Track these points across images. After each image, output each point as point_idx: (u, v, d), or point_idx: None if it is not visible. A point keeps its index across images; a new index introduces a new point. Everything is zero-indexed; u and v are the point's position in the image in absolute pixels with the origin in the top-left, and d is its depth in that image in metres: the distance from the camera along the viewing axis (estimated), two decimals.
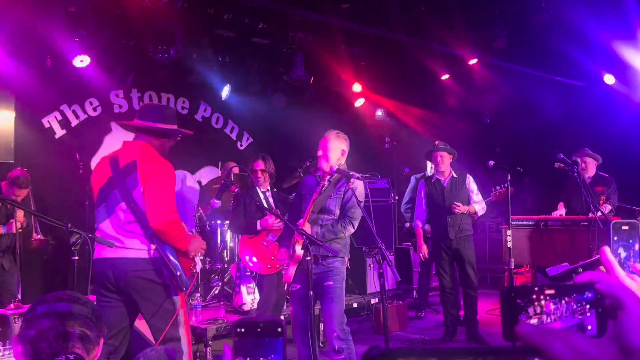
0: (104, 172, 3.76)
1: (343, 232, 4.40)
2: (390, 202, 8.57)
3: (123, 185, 3.63)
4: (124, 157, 3.72)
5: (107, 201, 3.69)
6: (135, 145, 3.77)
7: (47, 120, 6.88)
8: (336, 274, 4.40)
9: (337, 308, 4.37)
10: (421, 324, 7.38)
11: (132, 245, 3.57)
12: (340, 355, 4.34)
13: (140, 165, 3.62)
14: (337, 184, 4.47)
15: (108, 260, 3.58)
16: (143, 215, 3.56)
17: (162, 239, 3.55)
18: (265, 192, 5.56)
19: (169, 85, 7.86)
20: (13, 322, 4.08)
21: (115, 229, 3.62)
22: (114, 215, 3.64)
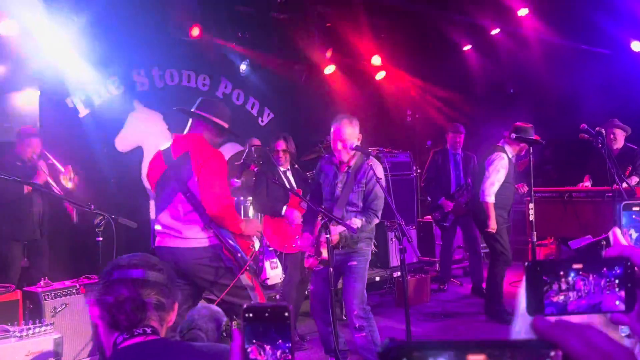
0: (158, 166, 3.93)
1: (369, 226, 4.41)
2: (412, 176, 8.57)
3: (178, 176, 3.78)
4: (176, 149, 3.88)
5: (164, 193, 3.86)
6: (186, 138, 3.94)
7: (71, 99, 6.96)
8: (360, 255, 4.44)
9: (358, 287, 4.41)
10: (444, 297, 7.41)
11: (191, 235, 3.74)
12: (362, 332, 4.40)
13: (193, 155, 3.78)
14: (357, 175, 4.42)
15: (168, 249, 3.78)
16: (199, 204, 3.72)
17: (219, 224, 3.73)
18: (285, 171, 5.59)
19: (190, 62, 7.87)
20: (43, 299, 4.19)
21: (173, 220, 3.79)
22: (171, 206, 3.80)
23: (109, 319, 1.61)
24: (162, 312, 1.66)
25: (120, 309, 1.60)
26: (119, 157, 7.19)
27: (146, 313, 1.62)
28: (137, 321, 1.60)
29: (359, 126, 4.52)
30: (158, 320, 1.66)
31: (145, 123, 7.56)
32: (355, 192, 4.43)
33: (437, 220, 7.61)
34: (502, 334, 5.65)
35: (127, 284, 1.62)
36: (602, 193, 6.54)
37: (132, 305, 1.60)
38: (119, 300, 1.60)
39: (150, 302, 1.63)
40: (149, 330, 1.61)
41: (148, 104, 7.58)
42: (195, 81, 8.06)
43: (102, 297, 1.63)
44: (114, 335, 1.61)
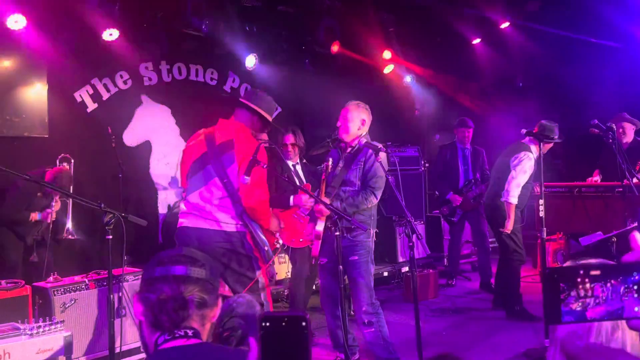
0: (199, 146, 3.94)
1: (365, 204, 4.33)
2: (420, 170, 8.55)
3: (218, 161, 3.81)
4: (220, 134, 3.90)
5: (199, 175, 3.88)
6: (232, 125, 3.95)
7: (79, 94, 6.95)
8: (361, 248, 4.39)
9: (363, 282, 4.38)
10: (452, 292, 7.40)
11: (220, 219, 3.78)
12: (371, 328, 4.39)
13: (237, 144, 3.80)
14: (357, 155, 4.41)
15: (193, 229, 3.82)
16: (235, 192, 3.75)
17: (251, 217, 3.76)
18: (295, 165, 5.58)
19: (198, 56, 7.86)
20: (52, 294, 4.20)
21: (204, 202, 3.82)
22: (205, 188, 3.83)
23: (151, 318, 1.61)
24: (205, 309, 1.64)
25: (163, 308, 1.59)
26: (127, 151, 7.18)
27: (188, 311, 1.60)
28: (179, 321, 1.59)
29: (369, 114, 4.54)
30: (200, 320, 1.64)
31: (153, 117, 7.56)
32: (353, 170, 4.40)
33: (445, 215, 7.58)
34: (513, 331, 5.64)
35: (169, 281, 1.61)
36: (612, 188, 6.49)
37: (174, 304, 1.59)
38: (161, 299, 1.60)
39: (192, 299, 1.61)
40: (190, 332, 1.60)
41: (156, 98, 7.57)
42: (203, 75, 8.05)
43: (144, 294, 1.63)
44: (155, 335, 1.61)
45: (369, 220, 4.45)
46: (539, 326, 5.44)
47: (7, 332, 2.98)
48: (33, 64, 6.48)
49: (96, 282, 4.47)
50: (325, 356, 5.12)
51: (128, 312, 4.59)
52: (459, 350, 5.18)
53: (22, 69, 6.43)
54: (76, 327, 4.29)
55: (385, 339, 4.41)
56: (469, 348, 5.23)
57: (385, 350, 4.42)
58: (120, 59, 7.08)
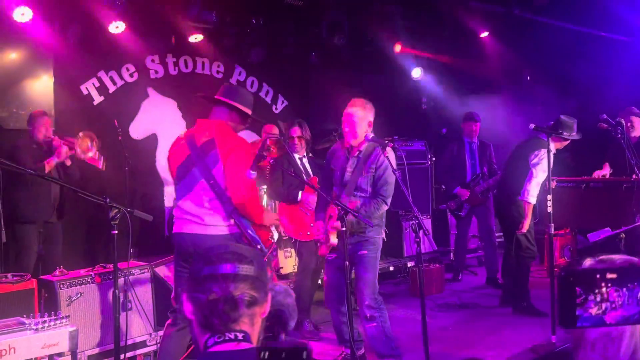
0: (181, 150, 3.89)
1: (377, 213, 4.33)
2: (427, 165, 8.51)
3: (202, 163, 3.75)
4: (200, 135, 3.84)
5: (186, 179, 3.83)
6: (211, 124, 3.90)
7: (85, 87, 6.95)
8: (371, 244, 4.38)
9: (369, 277, 4.36)
10: (458, 287, 7.37)
11: (212, 222, 3.73)
12: (372, 322, 4.37)
13: (219, 142, 3.75)
14: (368, 160, 4.35)
15: (187, 235, 3.78)
16: (223, 192, 3.70)
17: (242, 214, 3.71)
18: (301, 158, 5.56)
19: (204, 49, 7.83)
20: (58, 288, 4.20)
21: (193, 206, 3.77)
22: (193, 192, 3.78)
23: (202, 319, 1.60)
24: (254, 307, 1.63)
25: (214, 310, 1.57)
26: (133, 144, 7.17)
27: (238, 312, 1.59)
28: (230, 322, 1.58)
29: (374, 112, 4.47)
30: (249, 319, 1.62)
31: (160, 110, 7.55)
32: (364, 177, 4.35)
33: (452, 209, 7.55)
34: (519, 327, 5.61)
35: (217, 281, 1.59)
36: (620, 183, 6.45)
37: (225, 305, 1.57)
38: (211, 300, 1.58)
39: (242, 298, 1.59)
40: (240, 336, 1.58)
41: (162, 91, 7.56)
42: (209, 68, 8.02)
43: (194, 294, 1.61)
44: (205, 335, 1.60)
45: (381, 222, 4.46)
46: (546, 322, 5.40)
47: (12, 327, 2.97)
48: (39, 56, 6.48)
49: (102, 276, 4.46)
50: (331, 351, 5.11)
51: (134, 306, 4.59)
52: (465, 345, 5.16)
53: (28, 62, 6.43)
54: (82, 321, 4.29)
55: (387, 334, 4.39)
56: (475, 344, 5.22)
57: (387, 346, 4.40)
58: (127, 52, 7.07)
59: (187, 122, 7.75)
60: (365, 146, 4.37)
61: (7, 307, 3.95)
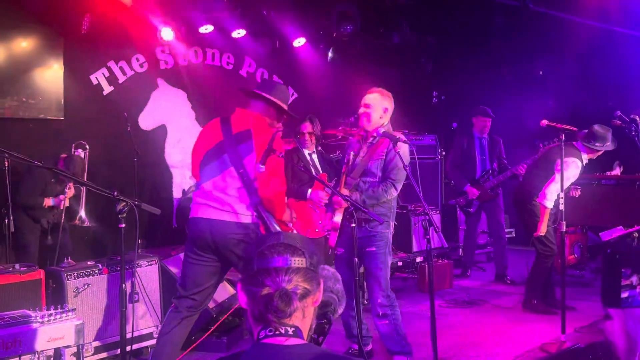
0: (214, 135, 3.89)
1: (385, 196, 4.26)
2: (437, 159, 8.45)
3: (235, 151, 3.75)
4: (237, 124, 3.86)
5: (214, 163, 3.82)
6: (249, 115, 3.90)
7: (95, 76, 6.92)
8: (379, 239, 4.32)
9: (380, 274, 4.32)
10: (467, 283, 7.33)
11: (235, 210, 3.72)
12: (385, 320, 4.33)
13: (255, 135, 3.76)
14: (380, 146, 4.31)
15: (206, 220, 3.75)
16: (251, 183, 3.70)
17: (266, 208, 3.71)
18: (311, 153, 5.52)
19: (214, 40, 7.79)
20: (65, 279, 4.19)
21: (218, 191, 3.76)
22: (219, 177, 3.78)
23: (256, 313, 1.62)
24: (307, 298, 1.64)
25: (269, 306, 1.59)
26: (142, 135, 7.16)
27: (291, 307, 1.60)
28: (283, 317, 1.60)
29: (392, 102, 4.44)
30: (302, 312, 1.64)
31: (169, 101, 7.52)
32: (375, 161, 4.30)
33: (461, 205, 7.49)
34: (528, 324, 5.56)
35: (270, 274, 1.61)
36: (633, 181, 6.37)
37: (279, 301, 1.59)
38: (265, 295, 1.60)
39: (295, 291, 1.61)
40: (291, 331, 1.61)
41: (172, 82, 7.53)
42: (219, 59, 7.98)
43: (248, 287, 1.64)
44: (259, 327, 1.63)
45: (389, 213, 4.37)
46: (555, 320, 5.36)
47: (18, 320, 2.96)
48: (49, 46, 6.46)
49: (109, 267, 4.45)
50: (338, 345, 5.08)
51: (141, 298, 4.58)
52: (474, 343, 5.12)
53: (38, 52, 6.41)
54: (88, 312, 4.29)
55: (398, 332, 4.36)
56: (483, 341, 5.17)
57: (398, 344, 4.37)
58: (137, 42, 7.05)
59: (197, 113, 7.73)
60: (377, 132, 4.34)
61: (14, 298, 3.96)
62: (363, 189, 4.28)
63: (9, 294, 3.96)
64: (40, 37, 6.38)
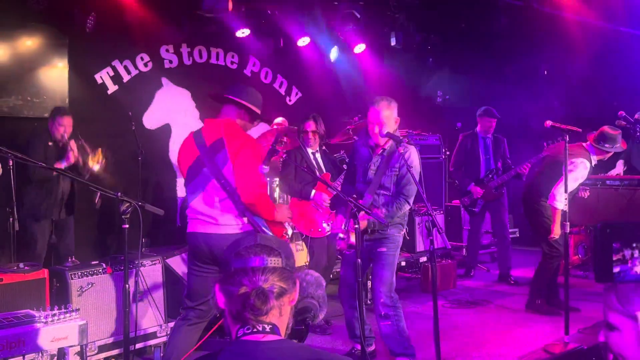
0: (190, 151, 3.88)
1: (400, 212, 4.32)
2: (441, 159, 8.45)
3: (212, 162, 3.75)
4: (209, 135, 3.84)
5: (197, 179, 3.82)
6: (219, 123, 3.89)
7: (100, 75, 6.94)
8: (390, 241, 4.36)
9: (386, 275, 4.34)
10: (470, 283, 7.32)
11: (225, 222, 3.73)
12: (387, 321, 4.34)
13: (227, 142, 3.75)
14: (392, 159, 4.32)
15: (201, 235, 3.78)
16: (234, 191, 3.70)
17: (253, 212, 3.72)
18: (314, 152, 5.52)
19: (219, 39, 7.80)
20: (69, 278, 4.20)
21: (207, 206, 3.77)
22: (205, 192, 3.78)
23: (234, 312, 1.67)
24: (284, 297, 1.70)
25: (246, 304, 1.64)
26: (146, 134, 7.17)
27: (268, 305, 1.66)
28: (261, 314, 1.66)
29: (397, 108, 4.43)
30: (279, 310, 1.70)
31: (173, 100, 7.54)
32: (388, 176, 4.33)
33: (466, 205, 7.48)
34: (531, 325, 5.56)
35: (247, 274, 1.68)
36: (637, 181, 6.36)
37: (255, 298, 1.64)
38: (242, 294, 1.66)
39: (272, 290, 1.67)
40: (268, 328, 1.66)
41: (176, 81, 7.54)
42: (223, 59, 7.99)
43: (225, 286, 1.69)
44: (237, 326, 1.68)
45: (402, 221, 4.44)
46: (559, 321, 5.36)
47: (21, 320, 2.97)
48: (54, 45, 6.47)
49: (113, 267, 4.46)
50: (341, 346, 5.10)
51: (145, 297, 4.60)
52: (477, 343, 5.12)
53: (43, 51, 6.43)
54: (92, 311, 4.30)
55: (401, 333, 4.36)
56: (486, 342, 5.17)
57: (400, 345, 4.37)
58: (141, 41, 7.07)
59: (201, 112, 7.74)
60: (389, 145, 4.34)
61: (18, 297, 3.98)
62: (377, 204, 4.33)
63: (13, 293, 3.98)
64: (45, 36, 6.39)
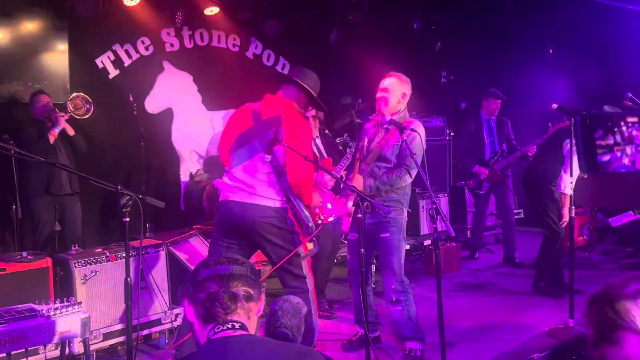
0: (245, 120, 3.93)
1: (399, 183, 4.23)
2: (446, 141, 8.39)
3: (264, 137, 3.75)
4: (267, 110, 3.88)
5: (244, 149, 3.86)
6: (279, 101, 3.92)
7: (101, 60, 6.88)
8: (393, 225, 4.31)
9: (394, 260, 4.31)
10: (475, 265, 7.31)
11: (264, 194, 3.76)
12: (398, 306, 4.33)
13: (285, 121, 3.77)
14: (395, 132, 4.25)
15: (238, 203, 3.80)
16: (281, 168, 3.73)
17: (295, 193, 3.75)
18: (315, 138, 5.47)
19: (220, 22, 7.71)
20: (73, 266, 4.20)
21: (247, 176, 3.81)
22: (249, 162, 3.82)
23: (203, 312, 1.75)
24: (250, 302, 1.78)
25: (214, 301, 1.73)
26: (149, 118, 7.13)
27: (237, 304, 1.75)
28: (230, 311, 1.74)
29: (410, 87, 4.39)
30: (246, 313, 1.78)
31: (175, 84, 7.48)
32: (390, 146, 4.27)
33: (471, 188, 7.43)
34: (536, 308, 5.55)
35: (215, 280, 1.76)
36: None
37: (224, 295, 1.73)
38: (211, 294, 1.74)
39: (239, 293, 1.75)
40: (237, 325, 1.73)
41: (178, 64, 7.47)
42: (225, 41, 7.91)
43: (194, 295, 1.77)
44: (207, 328, 1.74)
45: (403, 200, 4.36)
46: (563, 304, 5.35)
47: (24, 314, 2.97)
48: (55, 28, 6.41)
49: (117, 255, 4.46)
50: (345, 330, 5.10)
51: (149, 284, 4.60)
52: (481, 328, 5.12)
53: (43, 35, 6.37)
54: (96, 299, 4.30)
55: (411, 318, 4.35)
56: (491, 326, 5.17)
57: (411, 330, 4.36)
58: (142, 25, 7.01)
59: (203, 96, 7.69)
60: (396, 117, 4.29)
61: (22, 286, 3.98)
62: (377, 175, 4.26)
63: (17, 282, 3.98)
64: (46, 20, 6.33)
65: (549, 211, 5.75)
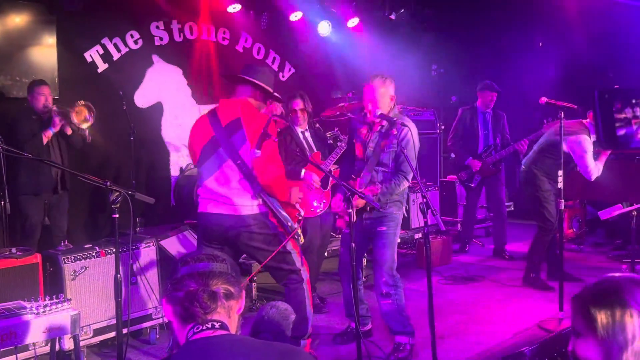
0: (204, 131, 3.89)
1: (398, 190, 4.30)
2: (436, 135, 8.39)
3: (229, 143, 3.75)
4: (225, 115, 3.84)
5: (211, 159, 3.83)
6: (235, 103, 3.89)
7: (89, 54, 6.83)
8: (390, 220, 4.35)
9: (387, 254, 4.33)
10: (465, 258, 7.34)
11: (241, 202, 3.74)
12: (388, 299, 4.34)
13: (245, 122, 3.75)
14: (390, 135, 4.28)
15: (215, 215, 3.79)
16: (250, 172, 3.71)
17: (269, 194, 3.74)
18: (303, 131, 5.45)
19: (210, 15, 7.67)
20: (62, 262, 4.17)
21: (221, 187, 3.77)
22: (219, 173, 3.79)
23: (182, 312, 1.68)
24: (231, 300, 1.73)
25: (193, 300, 1.67)
26: (138, 113, 7.09)
27: (217, 302, 1.69)
28: (209, 311, 1.68)
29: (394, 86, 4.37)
30: (227, 312, 1.72)
31: (165, 78, 7.44)
32: (386, 153, 4.30)
33: (463, 180, 7.44)
34: (525, 301, 5.58)
35: (194, 278, 1.70)
36: (632, 155, 6.33)
37: (203, 295, 1.67)
38: (190, 293, 1.68)
39: (218, 291, 1.70)
40: (217, 325, 1.68)
41: (167, 58, 7.43)
42: (215, 35, 7.87)
43: (173, 293, 1.71)
44: (187, 328, 1.69)
45: (402, 198, 4.43)
46: (553, 296, 5.39)
47: (13, 312, 2.95)
48: (42, 22, 6.36)
49: (107, 250, 4.44)
50: (336, 324, 5.11)
51: (139, 280, 4.58)
52: (472, 320, 5.15)
53: (31, 29, 6.31)
54: (86, 295, 4.29)
55: (401, 312, 4.37)
56: (482, 318, 5.20)
57: (400, 324, 4.38)
58: (131, 18, 6.96)
59: (193, 89, 7.66)
60: (386, 125, 4.29)
61: (11, 282, 3.96)
62: (375, 179, 4.32)
63: (6, 278, 3.95)
64: (34, 13, 6.27)
65: (544, 202, 5.77)
